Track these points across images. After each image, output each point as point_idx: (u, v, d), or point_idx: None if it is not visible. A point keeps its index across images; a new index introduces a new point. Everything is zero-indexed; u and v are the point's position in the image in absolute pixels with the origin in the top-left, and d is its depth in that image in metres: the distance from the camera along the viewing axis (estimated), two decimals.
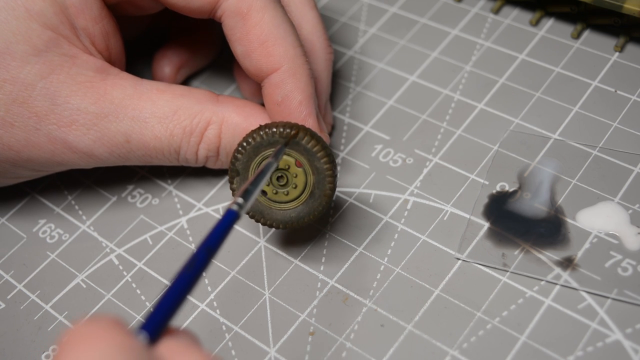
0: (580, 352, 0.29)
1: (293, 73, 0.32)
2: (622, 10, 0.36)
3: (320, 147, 0.30)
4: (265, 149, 0.31)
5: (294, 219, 0.31)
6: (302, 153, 0.30)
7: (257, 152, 0.31)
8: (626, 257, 0.31)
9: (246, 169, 0.31)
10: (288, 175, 0.31)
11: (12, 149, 0.33)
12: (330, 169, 0.31)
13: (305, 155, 0.30)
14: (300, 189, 0.31)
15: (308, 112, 0.32)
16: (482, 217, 0.33)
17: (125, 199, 0.38)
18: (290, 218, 0.31)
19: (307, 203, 0.31)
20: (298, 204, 0.31)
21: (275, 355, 0.31)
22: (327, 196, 0.31)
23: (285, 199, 0.31)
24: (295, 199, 0.31)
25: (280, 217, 0.32)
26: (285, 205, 0.31)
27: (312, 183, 0.31)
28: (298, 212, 0.31)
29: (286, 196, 0.31)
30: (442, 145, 0.36)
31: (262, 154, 0.31)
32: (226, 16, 0.33)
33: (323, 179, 0.31)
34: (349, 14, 0.44)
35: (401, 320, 0.31)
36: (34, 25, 0.31)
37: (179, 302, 0.23)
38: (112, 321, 0.21)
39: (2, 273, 0.36)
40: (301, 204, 0.31)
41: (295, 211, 0.31)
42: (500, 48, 0.40)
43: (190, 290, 0.23)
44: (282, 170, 0.31)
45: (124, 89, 0.33)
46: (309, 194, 0.31)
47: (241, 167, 0.31)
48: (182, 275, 0.23)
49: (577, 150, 0.35)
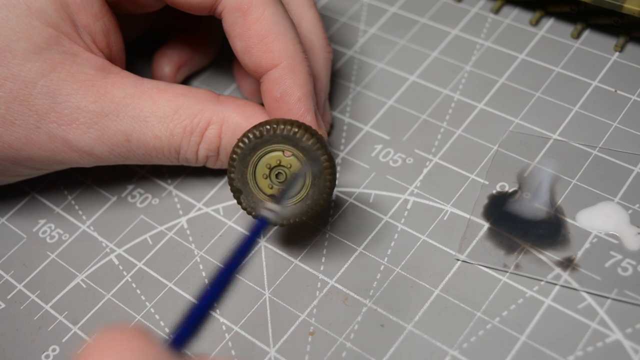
0: (580, 352, 0.29)
1: (292, 69, 0.32)
2: (622, 10, 0.36)
3: (316, 140, 0.30)
4: (264, 147, 0.31)
5: (294, 215, 0.31)
6: (299, 149, 0.30)
7: (255, 150, 0.31)
8: (626, 257, 0.31)
9: (245, 167, 0.31)
10: (286, 172, 0.31)
11: (13, 147, 0.33)
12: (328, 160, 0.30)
13: (303, 151, 0.30)
14: (299, 186, 0.31)
15: (306, 109, 0.33)
16: (482, 217, 0.33)
17: (125, 199, 0.38)
18: (290, 214, 0.31)
19: (306, 199, 0.31)
20: (298, 200, 0.31)
21: (275, 355, 0.31)
22: (327, 192, 0.31)
23: None
24: (295, 196, 0.31)
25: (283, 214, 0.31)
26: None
27: (311, 179, 0.31)
28: (298, 208, 0.31)
29: None
30: (442, 145, 0.36)
31: (261, 151, 0.31)
32: (226, 12, 0.33)
33: (322, 174, 0.31)
34: (349, 14, 0.44)
35: (401, 320, 0.31)
36: (34, 22, 0.31)
37: (207, 315, 0.22)
38: (139, 331, 0.21)
39: (2, 273, 0.36)
40: (301, 200, 0.31)
41: (296, 207, 0.31)
42: (500, 48, 0.40)
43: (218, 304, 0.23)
44: (281, 167, 0.31)
45: (125, 87, 0.33)
46: (308, 190, 0.31)
47: (240, 165, 0.31)
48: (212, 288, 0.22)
49: (577, 150, 0.35)
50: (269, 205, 0.26)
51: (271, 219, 0.26)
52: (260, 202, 0.31)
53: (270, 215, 0.26)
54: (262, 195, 0.31)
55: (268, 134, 0.30)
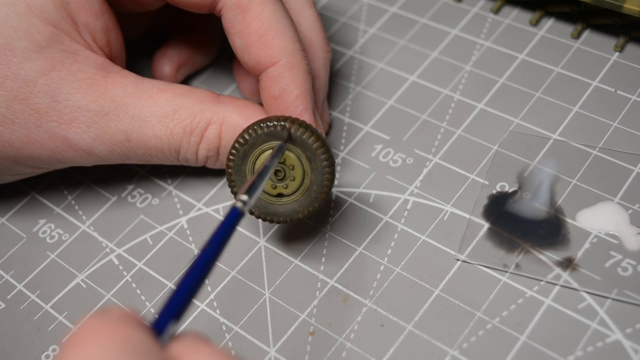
0: (580, 352, 0.29)
1: (291, 67, 0.32)
2: (622, 10, 0.36)
3: (315, 137, 0.30)
4: (262, 144, 0.31)
5: (294, 212, 0.31)
6: (297, 145, 0.30)
7: (253, 148, 0.31)
8: (626, 257, 0.31)
9: (243, 165, 0.31)
10: (285, 169, 0.31)
11: (13, 146, 0.33)
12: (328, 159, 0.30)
13: (300, 147, 0.30)
14: (298, 182, 0.31)
15: (304, 107, 0.32)
16: (482, 217, 0.33)
17: (125, 199, 0.38)
18: (290, 211, 0.31)
19: (306, 195, 0.31)
20: (297, 196, 0.31)
21: (275, 355, 0.31)
22: (326, 186, 0.31)
23: (284, 193, 0.31)
24: (294, 192, 0.31)
25: (280, 211, 0.31)
26: (284, 199, 0.31)
27: (310, 175, 0.31)
28: (298, 205, 0.31)
29: (285, 189, 0.31)
30: (442, 145, 0.36)
31: (259, 149, 0.31)
32: (226, 9, 0.33)
33: (321, 170, 0.31)
34: (349, 14, 0.44)
35: (401, 320, 0.31)
36: (35, 21, 0.31)
37: (187, 301, 0.23)
38: (123, 315, 0.21)
39: (2, 273, 0.36)
40: (300, 196, 0.31)
41: (295, 204, 0.31)
42: (500, 48, 0.40)
43: (197, 290, 0.23)
44: (280, 165, 0.31)
45: (125, 87, 0.33)
46: (308, 186, 0.31)
47: (238, 163, 0.31)
48: (189, 274, 0.23)
49: (577, 150, 0.35)
50: (240, 197, 0.26)
51: (242, 210, 0.26)
52: (262, 201, 0.31)
53: (240, 206, 0.26)
54: (264, 194, 0.31)
55: (265, 132, 0.30)
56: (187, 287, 0.23)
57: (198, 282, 0.23)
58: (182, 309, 0.23)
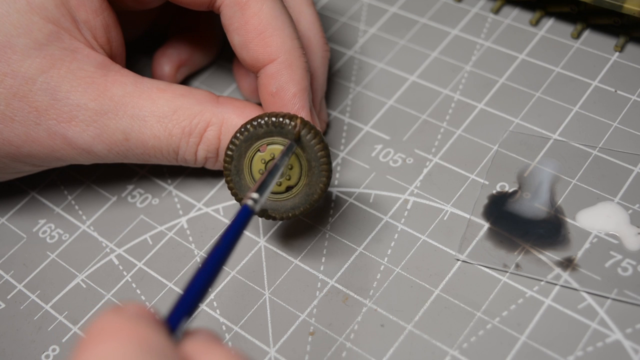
0: (580, 352, 0.29)
1: (289, 65, 0.32)
2: (622, 10, 0.36)
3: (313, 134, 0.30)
4: (259, 140, 0.31)
5: (292, 209, 0.31)
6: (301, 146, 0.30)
7: (250, 144, 0.31)
8: (626, 257, 0.31)
9: (240, 161, 0.31)
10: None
11: (12, 143, 0.33)
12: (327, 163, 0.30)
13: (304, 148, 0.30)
14: (295, 179, 0.31)
15: (301, 105, 0.32)
16: (482, 217, 0.33)
17: (125, 199, 0.38)
18: (287, 208, 0.31)
19: (303, 192, 0.31)
20: (295, 193, 0.31)
21: (275, 355, 0.31)
22: (324, 183, 0.31)
23: (281, 190, 0.31)
24: (292, 189, 0.31)
25: (279, 208, 0.31)
26: (281, 195, 0.31)
27: (307, 171, 0.31)
28: (295, 202, 0.31)
29: (279, 187, 0.31)
30: (442, 145, 0.36)
31: (256, 145, 0.31)
32: (225, 6, 0.33)
33: (318, 166, 0.31)
34: (349, 14, 0.44)
35: (401, 320, 0.31)
36: (35, 18, 0.31)
37: (199, 298, 0.23)
38: (139, 312, 0.21)
39: (2, 273, 0.36)
40: (298, 193, 0.31)
41: (293, 201, 0.31)
42: (500, 48, 0.40)
43: (209, 287, 0.23)
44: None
45: (125, 86, 0.33)
46: (305, 183, 0.31)
47: (236, 161, 0.31)
48: (201, 271, 0.23)
49: (577, 150, 0.35)
50: (251, 195, 0.26)
51: (254, 208, 0.26)
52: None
53: (251, 204, 0.26)
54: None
55: (259, 127, 0.30)
56: (199, 283, 0.23)
57: (210, 279, 0.23)
58: (195, 305, 0.23)
